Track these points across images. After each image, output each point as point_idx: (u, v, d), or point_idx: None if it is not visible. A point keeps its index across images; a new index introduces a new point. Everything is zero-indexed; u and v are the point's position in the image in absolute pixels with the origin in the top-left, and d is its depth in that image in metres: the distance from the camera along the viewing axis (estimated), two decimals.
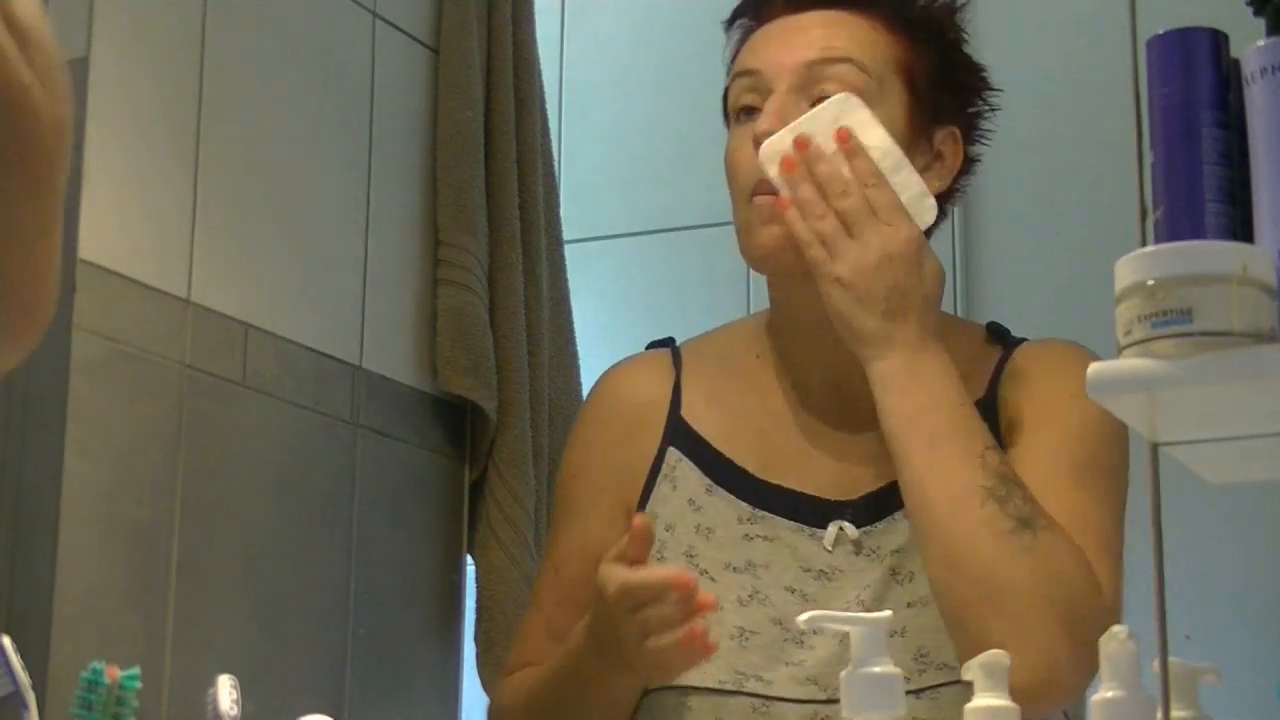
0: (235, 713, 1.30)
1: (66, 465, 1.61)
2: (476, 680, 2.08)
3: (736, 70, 1.55)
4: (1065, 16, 2.49)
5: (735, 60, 1.57)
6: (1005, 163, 2.45)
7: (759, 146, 1.48)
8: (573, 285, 2.31)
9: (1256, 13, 0.96)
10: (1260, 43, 0.95)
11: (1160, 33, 0.96)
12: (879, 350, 1.43)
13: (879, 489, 1.48)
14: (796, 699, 1.44)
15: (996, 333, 1.57)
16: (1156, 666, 0.93)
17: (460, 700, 2.12)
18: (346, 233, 2.02)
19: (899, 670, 1.04)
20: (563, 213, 2.33)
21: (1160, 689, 0.93)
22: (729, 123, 1.56)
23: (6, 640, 1.25)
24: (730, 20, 1.61)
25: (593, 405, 1.66)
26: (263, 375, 1.85)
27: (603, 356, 1.78)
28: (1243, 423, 0.96)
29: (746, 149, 1.50)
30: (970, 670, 1.03)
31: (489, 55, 2.21)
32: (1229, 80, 0.95)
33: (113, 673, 1.25)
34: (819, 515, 1.50)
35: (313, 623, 1.90)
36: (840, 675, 1.05)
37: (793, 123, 1.46)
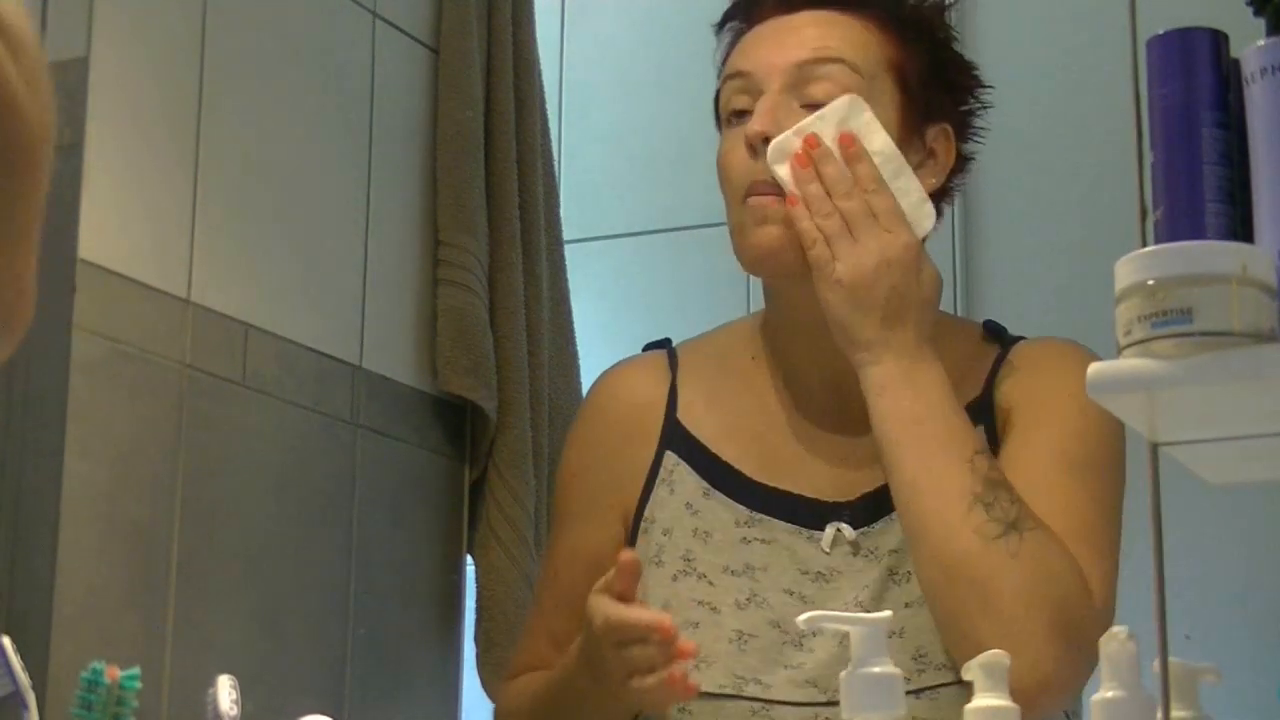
0: (235, 713, 1.30)
1: (66, 465, 1.61)
2: (476, 680, 2.08)
3: (727, 72, 1.55)
4: (1065, 16, 2.49)
5: (726, 63, 1.57)
6: (1005, 163, 2.46)
7: (751, 146, 1.48)
8: (573, 285, 2.31)
9: (1256, 13, 0.96)
10: (1260, 43, 0.95)
11: (1160, 33, 0.96)
12: (874, 355, 1.43)
13: (876, 489, 1.48)
14: (796, 702, 1.44)
15: (993, 331, 1.57)
16: (1156, 666, 0.93)
17: (460, 700, 2.12)
18: (346, 233, 2.02)
19: (899, 670, 1.04)
20: (563, 213, 2.33)
21: (1160, 689, 0.93)
22: (720, 126, 1.56)
23: (6, 640, 1.25)
24: (720, 23, 1.60)
25: (589, 409, 1.66)
26: (263, 375, 1.85)
27: (603, 356, 1.78)
28: (1243, 423, 0.96)
29: (739, 151, 1.50)
30: (970, 670, 1.03)
31: (489, 55, 2.21)
32: (1229, 80, 0.95)
33: (113, 673, 1.25)
34: (816, 517, 1.50)
35: (313, 623, 1.90)
36: (840, 676, 1.05)
37: (800, 123, 1.46)
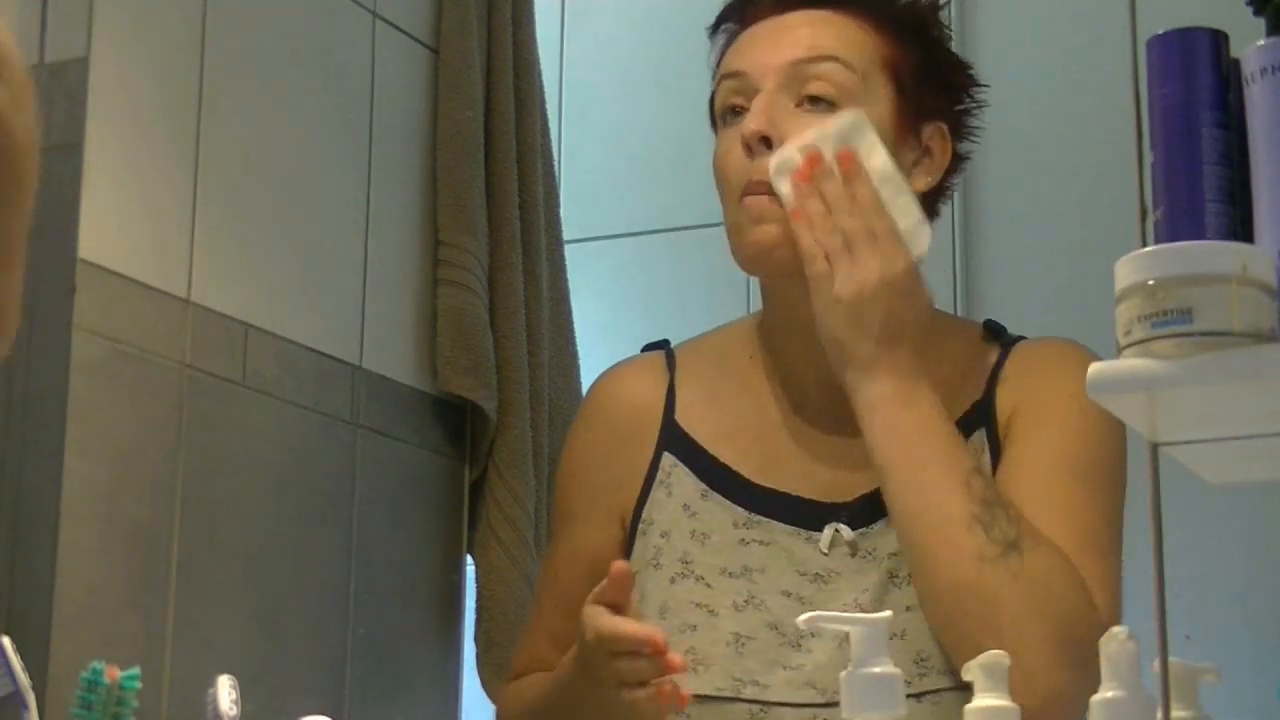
0: (235, 713, 1.30)
1: (66, 465, 1.61)
2: (476, 680, 2.08)
3: (722, 73, 1.55)
4: (1065, 16, 2.49)
5: (720, 64, 1.57)
6: (1005, 163, 2.47)
7: (746, 145, 1.48)
8: (573, 285, 2.31)
9: (1256, 13, 0.96)
10: (1260, 43, 0.95)
11: (1160, 33, 0.96)
12: (868, 375, 1.43)
13: (874, 490, 1.47)
14: (795, 703, 1.44)
15: (993, 331, 1.57)
16: (1156, 666, 0.93)
17: (460, 700, 2.12)
18: (346, 233, 2.02)
19: (899, 670, 1.04)
20: (563, 213, 2.33)
21: (1160, 689, 0.93)
22: (716, 126, 1.56)
23: (6, 640, 1.25)
24: (714, 25, 1.60)
25: (587, 410, 1.66)
26: (263, 375, 1.85)
27: (603, 356, 1.78)
28: (1243, 423, 0.96)
29: (735, 151, 1.50)
30: (970, 670, 1.03)
31: (489, 55, 2.21)
32: (1229, 80, 0.95)
33: (113, 673, 1.25)
34: (814, 518, 1.50)
35: (313, 623, 1.90)
36: (840, 676, 1.05)
37: (803, 138, 1.46)
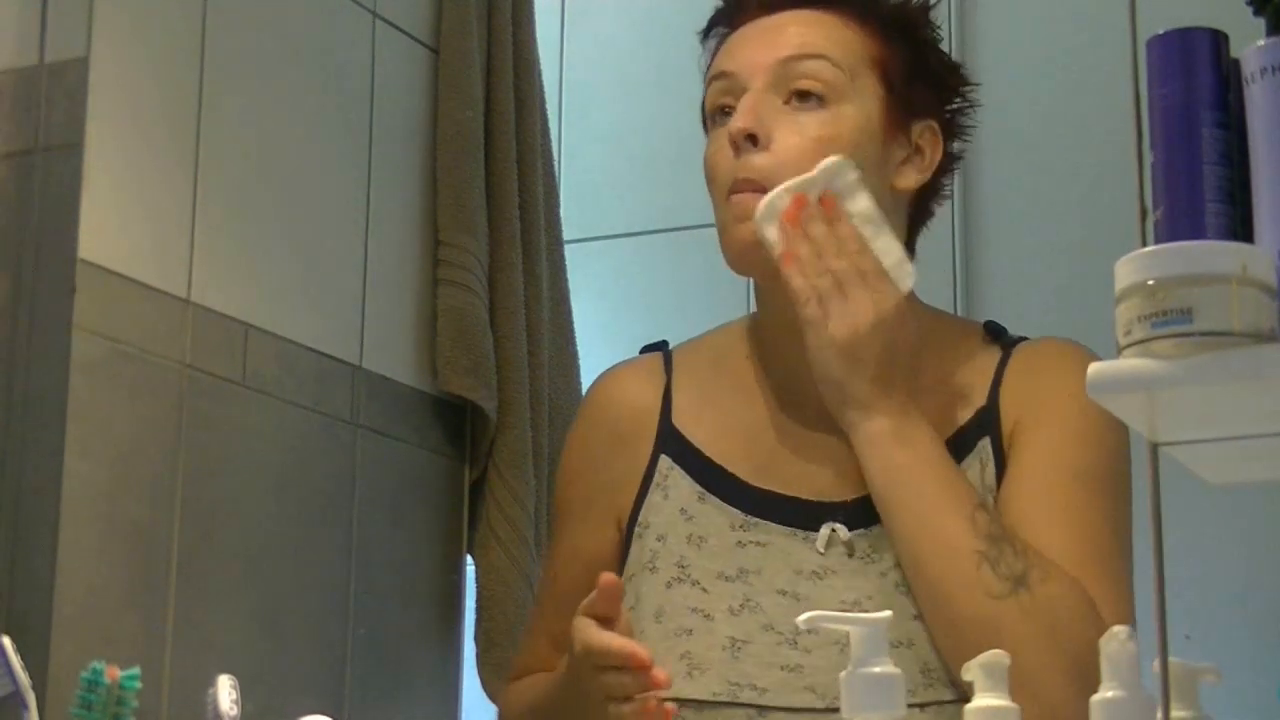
0: (235, 713, 1.30)
1: (66, 465, 1.61)
2: (476, 680, 2.08)
3: (712, 74, 1.56)
4: (1065, 16, 2.49)
5: (711, 66, 1.57)
6: (1005, 163, 2.47)
7: (733, 143, 1.49)
8: (573, 285, 2.31)
9: (1256, 13, 0.96)
10: (1260, 43, 0.95)
11: (1160, 33, 0.96)
12: (866, 413, 1.44)
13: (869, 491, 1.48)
14: (793, 708, 1.44)
15: (994, 332, 1.57)
16: (1156, 666, 0.93)
17: (460, 700, 2.12)
18: (346, 233, 2.02)
19: (899, 670, 1.04)
20: (563, 213, 2.33)
21: (1160, 689, 0.93)
22: (707, 128, 1.56)
23: (6, 640, 1.25)
24: (706, 30, 1.61)
25: (585, 412, 1.66)
26: (263, 375, 1.85)
27: (603, 356, 1.78)
28: (1243, 423, 0.96)
29: (724, 150, 1.50)
30: (970, 670, 1.03)
31: (489, 55, 2.21)
32: (1229, 80, 0.95)
33: (113, 673, 1.25)
34: (811, 518, 1.49)
35: (313, 623, 1.90)
36: (840, 676, 1.05)
37: (788, 182, 1.47)
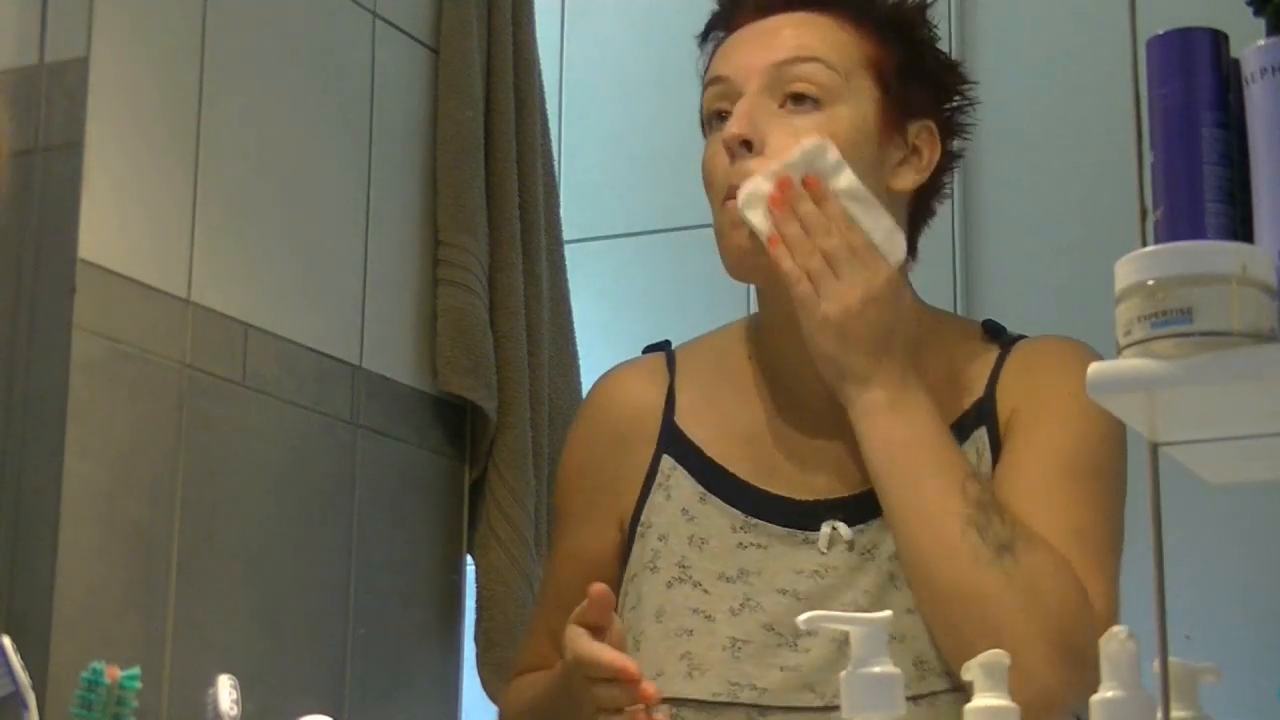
0: (235, 713, 1.30)
1: (66, 465, 1.61)
2: (476, 680, 2.08)
3: (708, 78, 1.56)
4: (1065, 16, 2.49)
5: (707, 70, 1.58)
6: (1005, 163, 2.47)
7: (729, 149, 1.49)
8: (573, 285, 2.31)
9: (1256, 13, 0.96)
10: (1260, 43, 0.95)
11: (1160, 33, 0.96)
12: (862, 386, 1.44)
13: (870, 486, 1.48)
14: (792, 706, 1.44)
15: (993, 330, 1.57)
16: (1156, 666, 0.93)
17: (460, 700, 2.12)
18: (346, 233, 2.02)
19: (899, 670, 1.04)
20: (563, 213, 2.33)
21: (1160, 689, 0.93)
22: (704, 132, 1.56)
23: (6, 640, 1.25)
24: (703, 34, 1.61)
25: (587, 411, 1.66)
26: (263, 375, 1.85)
27: (603, 356, 1.78)
28: (1243, 423, 0.96)
29: (719, 156, 1.51)
30: (970, 670, 1.03)
31: (489, 55, 2.21)
32: (1229, 80, 0.95)
33: (113, 673, 1.25)
34: (812, 518, 1.50)
35: (313, 623, 1.90)
36: (839, 677, 1.05)
37: (770, 168, 1.47)
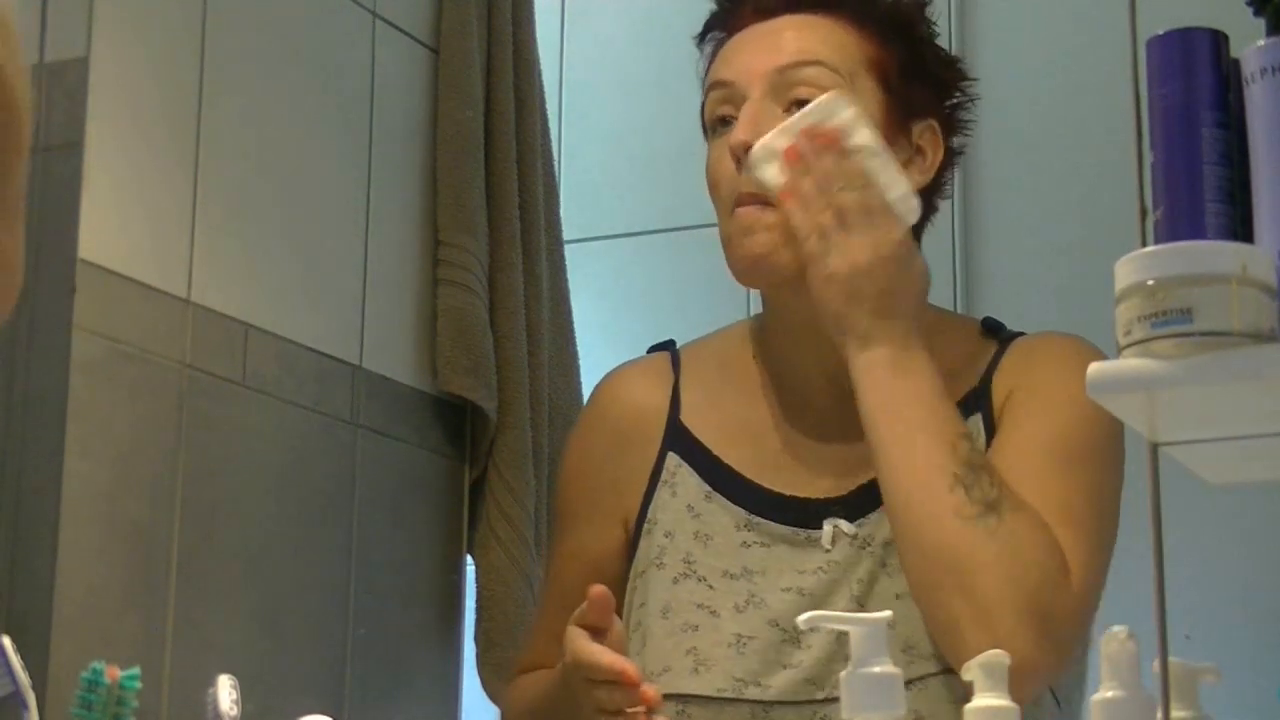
0: (235, 713, 1.30)
1: (66, 465, 1.61)
2: (476, 680, 2.08)
3: (710, 83, 1.55)
4: (1065, 16, 2.49)
5: (708, 73, 1.57)
6: (1005, 163, 2.47)
7: (735, 157, 1.48)
8: (573, 285, 2.31)
9: (1256, 13, 0.96)
10: (1260, 43, 0.95)
11: (1160, 33, 0.96)
12: (864, 343, 1.44)
13: (870, 482, 1.48)
14: (795, 701, 1.45)
15: (991, 327, 1.58)
16: (1156, 666, 0.93)
17: (460, 700, 2.12)
18: (346, 233, 2.02)
19: (899, 670, 1.04)
20: (563, 213, 2.33)
21: (1160, 689, 0.93)
22: (707, 136, 1.56)
23: (6, 640, 1.25)
24: (701, 35, 1.61)
25: (591, 411, 1.66)
26: (263, 375, 1.85)
27: (603, 356, 1.78)
28: (1243, 423, 0.96)
29: (725, 161, 1.50)
30: (970, 670, 1.03)
31: (489, 55, 2.21)
32: (1229, 80, 0.95)
33: (113, 673, 1.25)
34: (814, 517, 1.50)
35: (313, 623, 1.90)
36: (840, 674, 1.05)
37: (784, 122, 1.46)
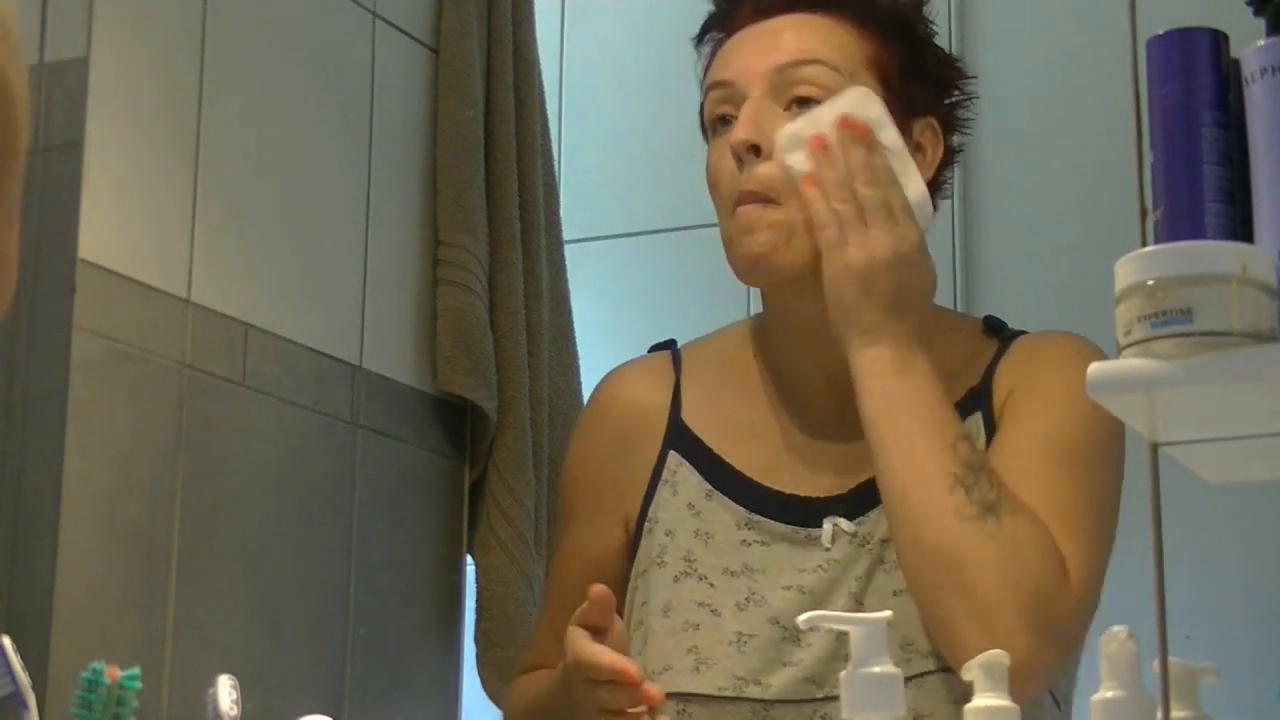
0: (235, 713, 1.30)
1: (66, 465, 1.61)
2: (476, 680, 2.08)
3: (709, 82, 1.55)
4: (1065, 16, 2.49)
5: (707, 73, 1.57)
6: (1005, 163, 2.47)
7: (736, 156, 1.48)
8: (573, 285, 2.31)
9: (1256, 13, 0.96)
10: (1260, 43, 0.95)
11: (1160, 33, 0.96)
12: (868, 339, 1.44)
13: (869, 480, 1.48)
14: (795, 699, 1.45)
15: (993, 326, 1.58)
16: (1156, 666, 0.93)
17: (460, 700, 2.12)
18: (346, 233, 2.02)
19: (899, 670, 1.04)
20: (563, 213, 2.33)
21: (1160, 689, 0.93)
22: (706, 136, 1.56)
23: (6, 640, 1.25)
24: (700, 35, 1.61)
25: (592, 411, 1.67)
26: (263, 375, 1.85)
27: (603, 356, 1.78)
28: (1243, 423, 0.96)
29: (726, 161, 1.50)
30: (970, 670, 1.03)
31: (489, 55, 2.21)
32: (1229, 80, 0.95)
33: (113, 673, 1.25)
34: (814, 516, 1.51)
35: (313, 623, 1.90)
36: (840, 674, 1.05)
37: (813, 111, 1.46)
